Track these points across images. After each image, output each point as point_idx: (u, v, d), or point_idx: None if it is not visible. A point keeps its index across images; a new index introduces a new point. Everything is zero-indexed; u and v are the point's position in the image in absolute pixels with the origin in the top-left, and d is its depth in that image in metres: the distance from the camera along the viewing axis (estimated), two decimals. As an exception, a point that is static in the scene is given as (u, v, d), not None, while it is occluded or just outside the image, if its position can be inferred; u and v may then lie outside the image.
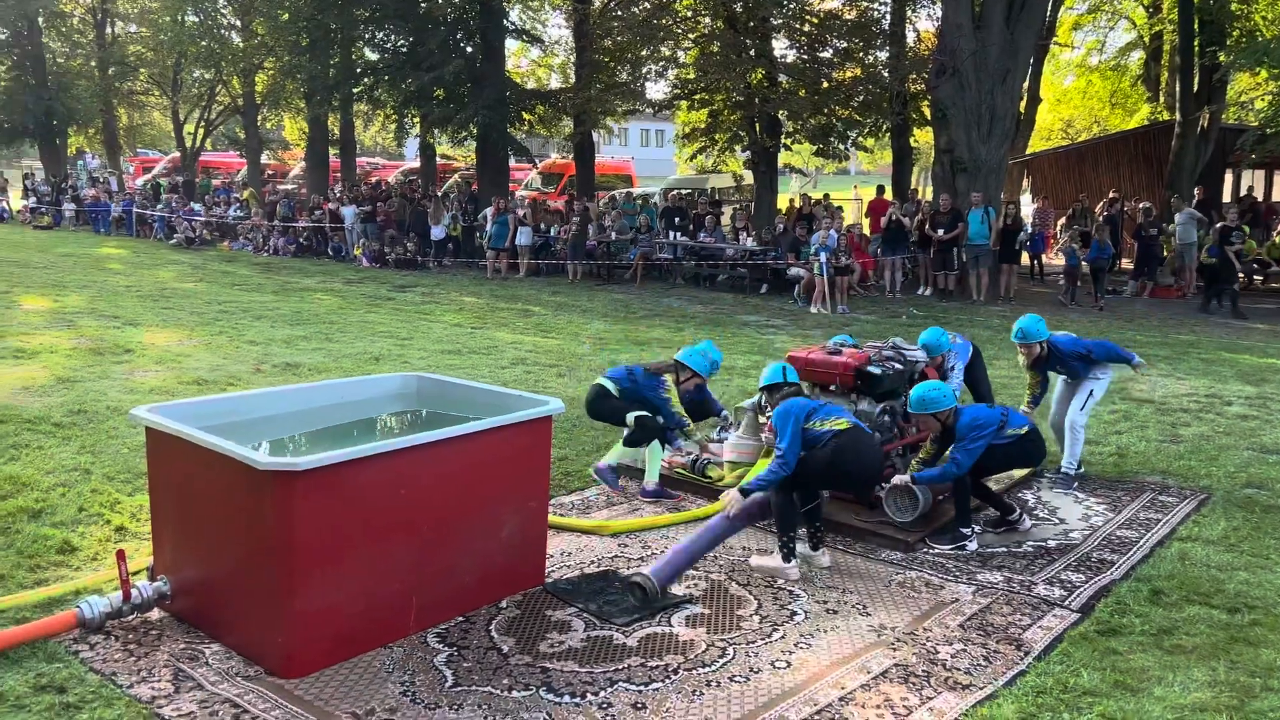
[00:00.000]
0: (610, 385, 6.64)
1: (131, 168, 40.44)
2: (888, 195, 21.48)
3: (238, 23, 30.84)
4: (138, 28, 37.10)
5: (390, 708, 3.87)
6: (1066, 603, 4.91)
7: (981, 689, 4.07)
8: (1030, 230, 19.08)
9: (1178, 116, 21.96)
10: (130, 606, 4.46)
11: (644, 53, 22.10)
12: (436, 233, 21.32)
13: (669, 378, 6.59)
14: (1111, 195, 21.18)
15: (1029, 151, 27.56)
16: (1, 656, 4.10)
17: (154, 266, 20.23)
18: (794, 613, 4.81)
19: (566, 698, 3.98)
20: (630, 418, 6.44)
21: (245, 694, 3.94)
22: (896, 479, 5.75)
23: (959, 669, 4.24)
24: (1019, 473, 6.93)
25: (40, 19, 36.55)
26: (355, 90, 25.32)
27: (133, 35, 38.01)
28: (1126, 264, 19.75)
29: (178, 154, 37.13)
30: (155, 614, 4.61)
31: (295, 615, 4.05)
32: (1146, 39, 30.39)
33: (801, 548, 5.38)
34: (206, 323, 12.99)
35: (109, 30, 38.28)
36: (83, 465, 6.66)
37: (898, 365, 6.39)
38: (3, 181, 37.61)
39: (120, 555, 4.44)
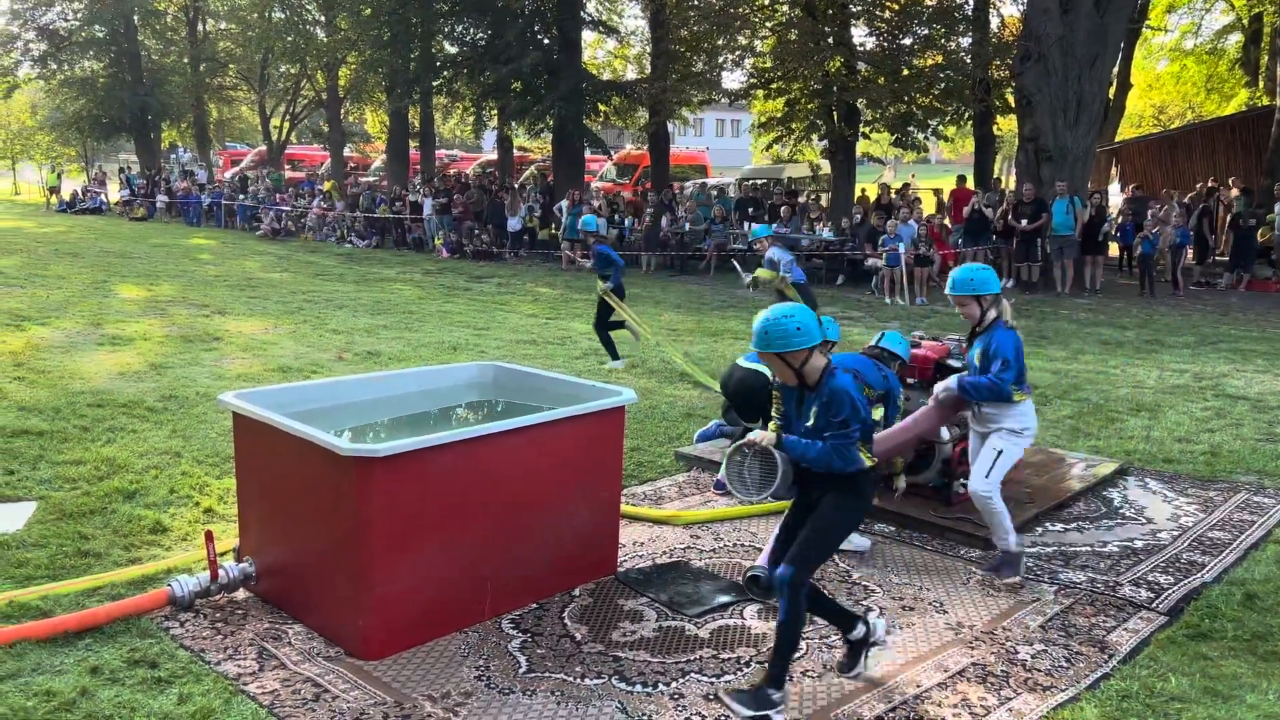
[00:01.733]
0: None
1: (220, 161, 41.72)
2: (969, 184, 21.01)
3: (322, 18, 31.54)
4: (227, 25, 38.24)
5: (465, 692, 3.93)
6: (1154, 605, 4.76)
7: (1063, 691, 3.97)
8: (1116, 220, 18.47)
9: (1279, 101, 21.01)
10: (218, 586, 4.61)
11: (720, 42, 21.96)
12: (513, 224, 21.55)
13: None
14: (1209, 184, 20.37)
15: (1118, 139, 26.68)
16: (98, 631, 4.28)
17: (241, 257, 20.84)
18: (869, 609, 4.75)
19: (639, 687, 3.99)
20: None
21: (325, 674, 4.04)
22: (757, 434, 4.01)
23: (1039, 670, 4.14)
24: (1104, 469, 6.74)
25: (136, 17, 37.92)
26: (435, 83, 25.70)
27: (223, 32, 39.22)
28: (1222, 256, 18.99)
29: (264, 147, 38.19)
30: (240, 594, 4.76)
31: (374, 598, 4.14)
32: (1245, 21, 29.16)
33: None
34: (291, 311, 13.33)
35: (200, 28, 39.54)
36: (173, 449, 6.90)
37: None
38: (101, 175, 39.16)
39: (208, 536, 4.58)
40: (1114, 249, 18.87)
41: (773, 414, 4.10)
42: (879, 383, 5.57)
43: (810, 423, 3.87)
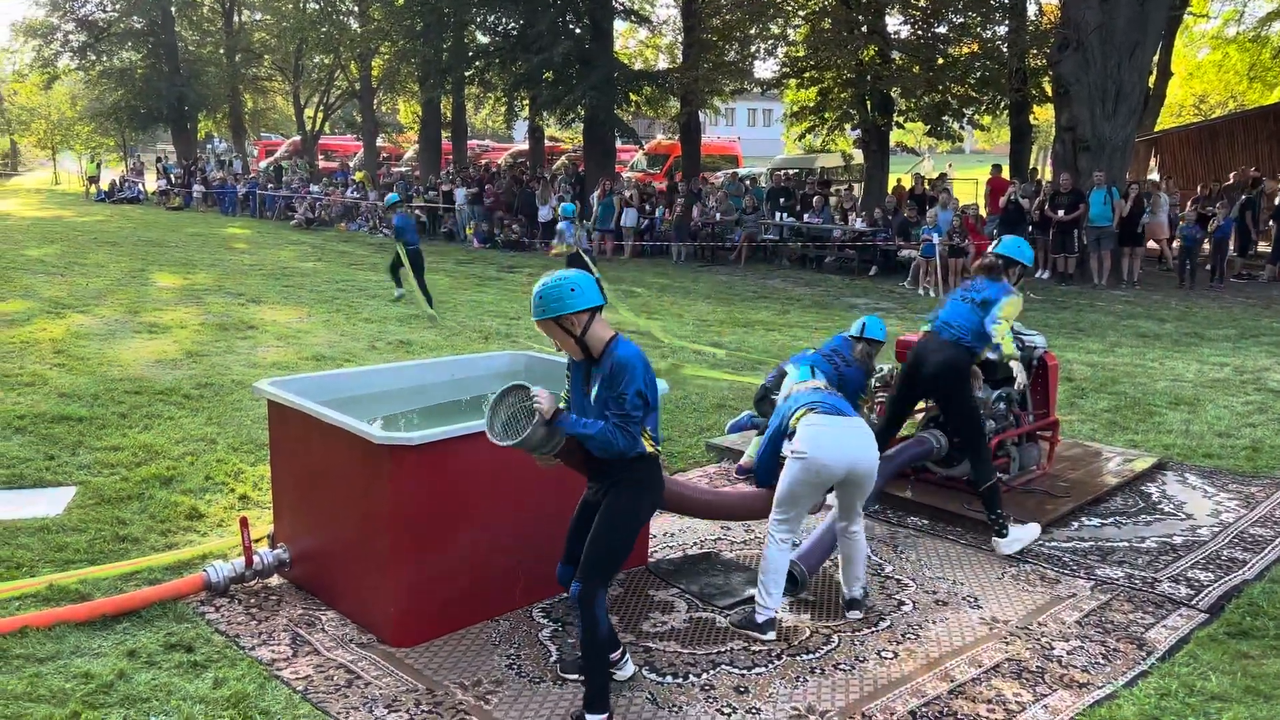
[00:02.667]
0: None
1: (255, 151, 42.11)
2: (1005, 174, 20.74)
3: (356, 9, 31.70)
4: (262, 16, 38.55)
5: (496, 680, 3.95)
6: (1194, 602, 4.68)
7: (1100, 688, 3.91)
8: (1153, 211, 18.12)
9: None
10: (252, 572, 4.66)
11: (753, 31, 21.83)
12: (544, 213, 21.56)
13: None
14: (1253, 173, 19.96)
15: (1157, 129, 26.22)
16: (135, 615, 4.34)
17: (275, 246, 21.02)
18: (901, 603, 4.71)
19: (669, 678, 3.98)
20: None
21: (358, 660, 4.07)
22: (536, 389, 3.50)
23: (1076, 666, 4.09)
24: (1142, 464, 6.64)
25: (173, 9, 38.34)
26: (467, 73, 25.76)
27: (258, 23, 39.55)
28: (1264, 247, 18.62)
29: (298, 137, 38.48)
30: (275, 580, 4.80)
31: (406, 586, 4.16)
32: (1291, 8, 28.48)
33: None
34: (324, 300, 13.44)
35: (236, 19, 39.89)
36: (209, 436, 6.98)
37: (1014, 351, 6.15)
38: (139, 164, 39.66)
39: (243, 523, 4.63)
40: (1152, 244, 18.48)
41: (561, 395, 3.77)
42: (832, 375, 5.51)
43: (594, 397, 3.56)
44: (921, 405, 6.19)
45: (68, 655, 4.00)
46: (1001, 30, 20.38)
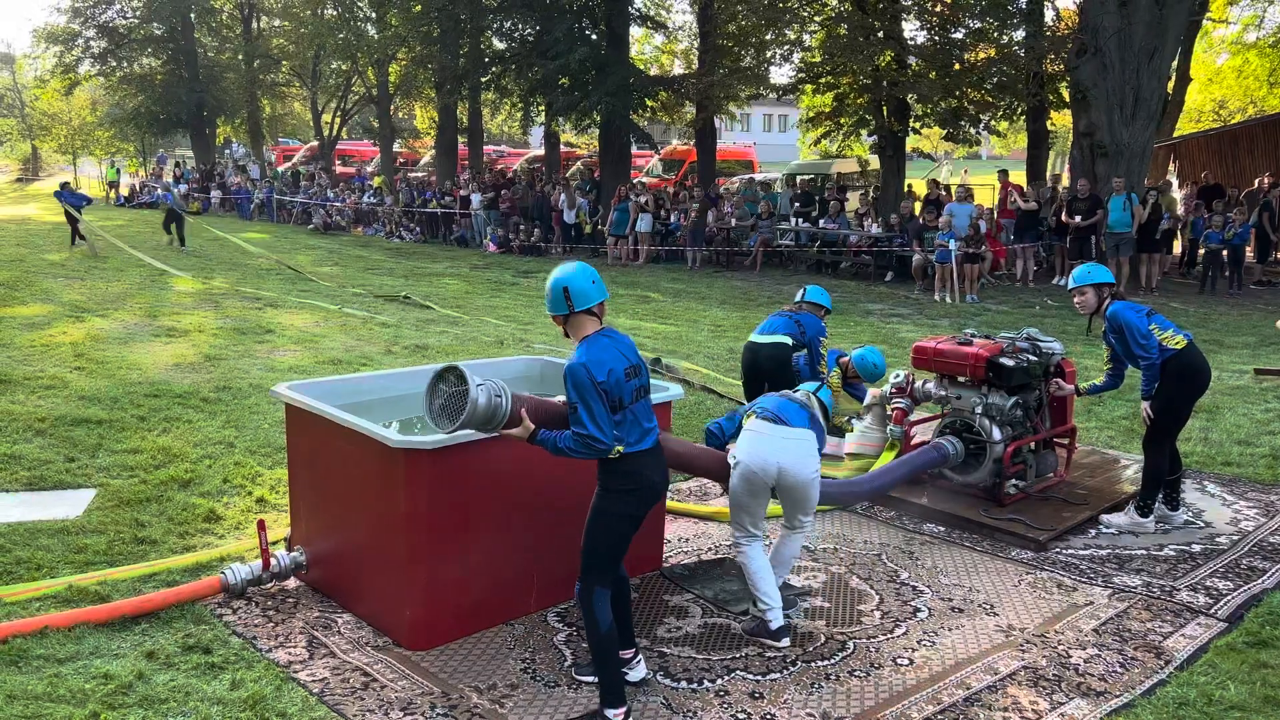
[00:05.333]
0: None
1: (273, 156, 42.37)
2: (1012, 180, 20.62)
3: (373, 15, 31.87)
4: (281, 22, 38.83)
5: (511, 684, 3.95)
6: (1212, 611, 4.64)
7: (1117, 697, 3.89)
8: (1172, 217, 18.01)
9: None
10: (269, 575, 4.69)
11: (769, 36, 21.80)
12: (569, 216, 21.61)
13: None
14: (1268, 179, 19.80)
15: (1176, 135, 26.05)
16: (153, 616, 4.37)
17: (293, 250, 21.14)
18: (917, 609, 4.69)
19: (684, 683, 3.98)
20: None
21: (374, 663, 4.09)
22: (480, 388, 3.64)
23: (1093, 675, 4.06)
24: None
25: (193, 15, 38.65)
26: (483, 79, 25.85)
27: (276, 29, 39.82)
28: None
29: (316, 143, 38.71)
30: (291, 582, 4.83)
31: (421, 590, 4.17)
32: (1312, 13, 28.28)
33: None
34: (341, 305, 13.49)
35: (254, 25, 40.18)
36: (227, 439, 7.02)
37: (1032, 357, 6.14)
38: (159, 169, 39.95)
39: (261, 525, 4.66)
40: (1176, 247, 18.37)
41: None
42: (796, 333, 6.82)
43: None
44: (936, 412, 6.18)
45: (87, 656, 4.03)
46: (1019, 35, 20.29)
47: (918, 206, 17.54)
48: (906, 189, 20.39)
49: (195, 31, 39.63)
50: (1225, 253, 15.72)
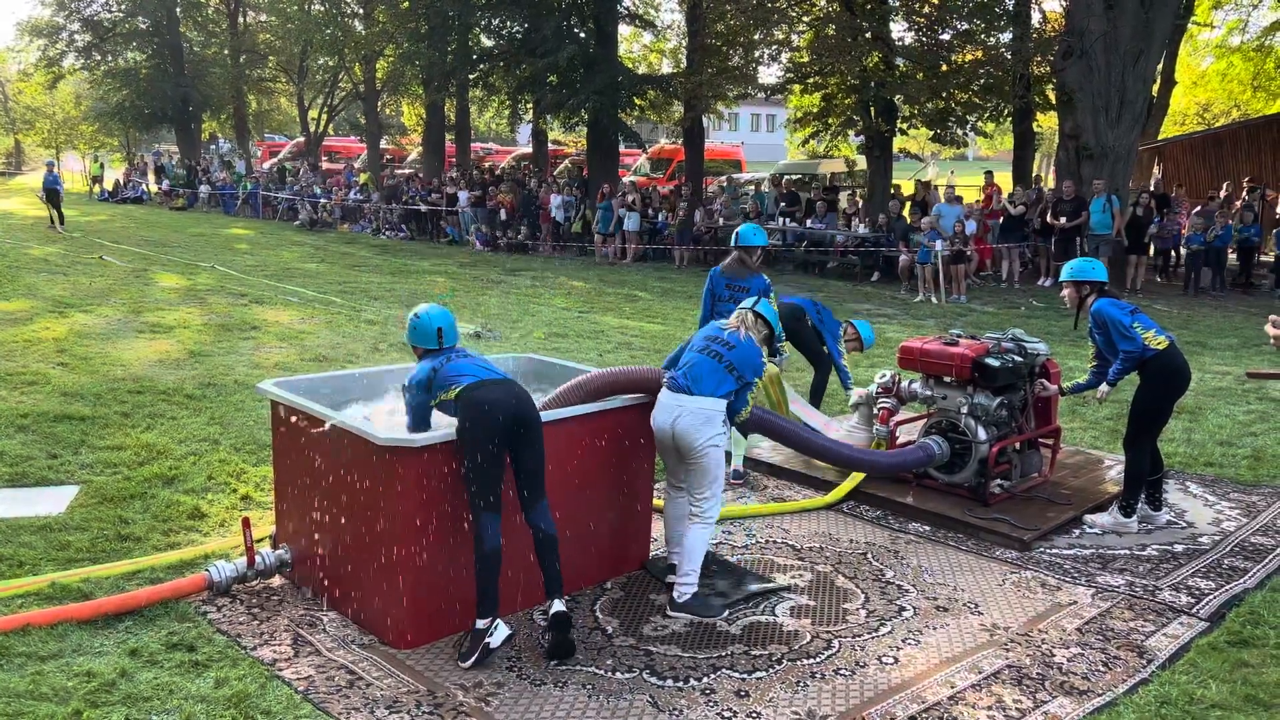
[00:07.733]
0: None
1: (259, 152, 42.16)
2: (999, 182, 20.73)
3: (360, 11, 31.76)
4: (267, 17, 38.62)
5: (497, 682, 3.95)
6: (1194, 610, 4.68)
7: (1100, 695, 3.92)
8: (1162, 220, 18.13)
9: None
10: (254, 572, 4.67)
11: (757, 36, 21.81)
12: (558, 215, 21.58)
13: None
14: (1248, 181, 19.95)
15: (1161, 137, 26.23)
16: (137, 614, 4.34)
17: (278, 247, 21.05)
18: (902, 608, 4.71)
19: (670, 681, 3.99)
20: None
21: (359, 661, 4.08)
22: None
23: (1076, 674, 4.09)
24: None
25: (178, 9, 38.42)
26: (471, 76, 25.77)
27: (263, 24, 39.61)
28: (1266, 257, 18.62)
29: (302, 139, 38.53)
30: (276, 580, 4.81)
31: (407, 588, 4.16)
32: (1294, 17, 28.51)
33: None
34: (327, 302, 13.44)
35: (241, 20, 39.96)
36: (212, 436, 6.99)
37: (1017, 358, 6.18)
38: (143, 164, 39.70)
39: (245, 523, 4.64)
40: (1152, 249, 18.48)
41: None
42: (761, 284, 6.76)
43: None
44: (922, 411, 6.20)
45: (70, 654, 4.01)
46: (1005, 37, 20.39)
47: (907, 207, 17.59)
48: (894, 189, 20.45)
49: (181, 26, 39.42)
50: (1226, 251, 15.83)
